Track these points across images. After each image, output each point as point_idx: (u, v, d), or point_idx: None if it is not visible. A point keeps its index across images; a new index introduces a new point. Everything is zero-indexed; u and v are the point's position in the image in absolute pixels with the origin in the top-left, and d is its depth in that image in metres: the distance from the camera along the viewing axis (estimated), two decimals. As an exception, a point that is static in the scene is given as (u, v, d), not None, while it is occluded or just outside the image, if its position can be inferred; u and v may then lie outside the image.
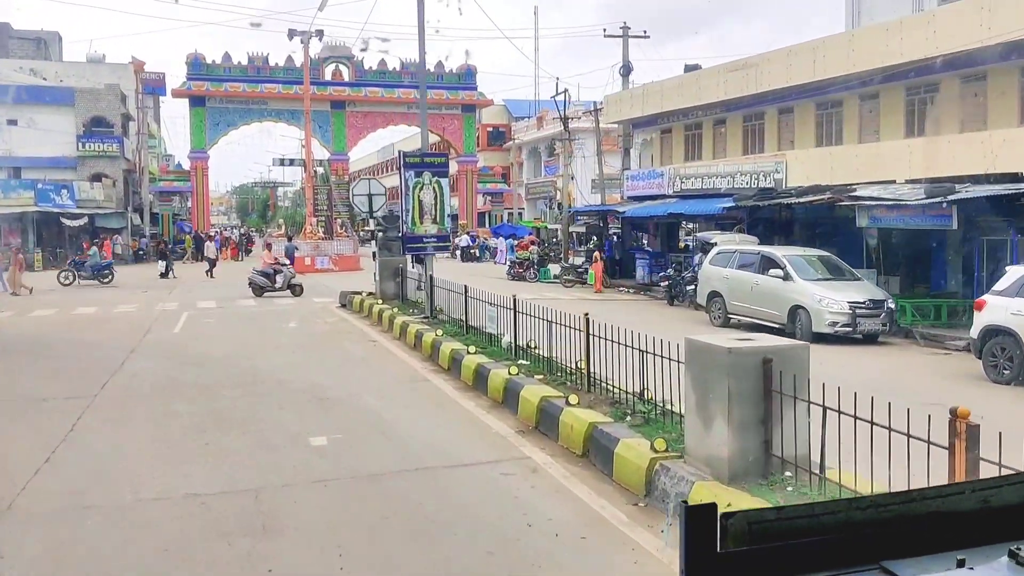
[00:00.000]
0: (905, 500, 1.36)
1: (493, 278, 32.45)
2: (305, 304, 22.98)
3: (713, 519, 1.22)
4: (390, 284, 19.17)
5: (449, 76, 54.71)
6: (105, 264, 31.11)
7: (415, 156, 15.66)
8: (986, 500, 1.37)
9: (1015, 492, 1.39)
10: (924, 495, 1.37)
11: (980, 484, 1.41)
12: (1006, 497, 1.38)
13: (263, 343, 15.60)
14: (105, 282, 29.83)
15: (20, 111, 46.67)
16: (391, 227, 19.47)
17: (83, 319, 20.13)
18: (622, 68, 32.35)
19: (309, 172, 39.37)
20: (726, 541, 1.22)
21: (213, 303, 23.44)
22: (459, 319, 14.39)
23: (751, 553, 1.24)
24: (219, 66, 51.23)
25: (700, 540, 1.21)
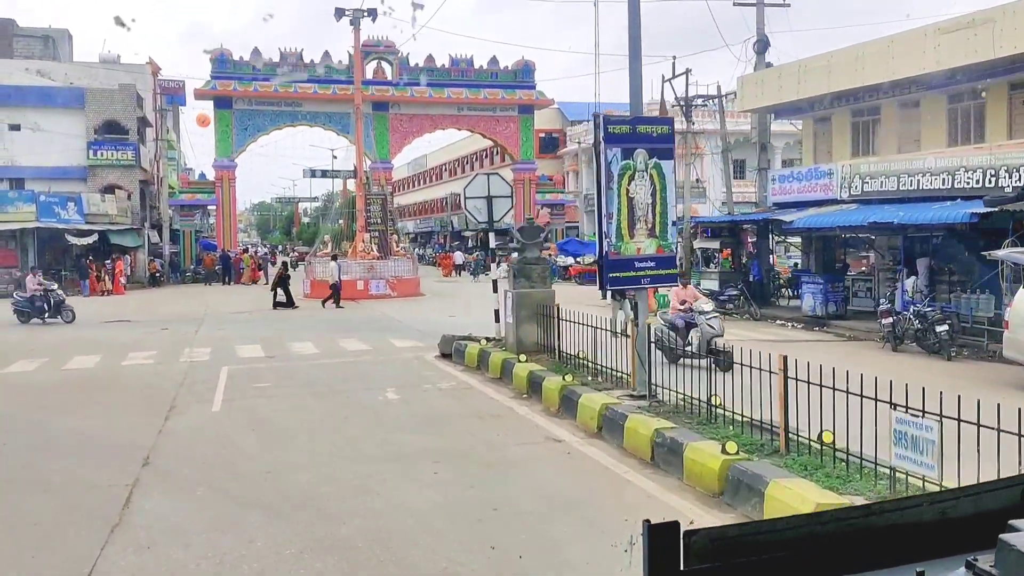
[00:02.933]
0: (865, 514, 1.38)
1: (591, 306, 26.02)
2: (385, 350, 16.64)
3: (676, 537, 1.22)
4: (531, 329, 12.79)
5: (504, 73, 48.53)
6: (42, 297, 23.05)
7: (622, 124, 9.27)
8: (943, 512, 1.40)
9: (971, 504, 1.42)
10: (884, 508, 1.40)
11: (938, 497, 1.46)
12: (963, 509, 1.41)
13: (364, 441, 9.23)
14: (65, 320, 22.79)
15: (24, 114, 40.92)
16: (531, 244, 13.08)
17: (75, 380, 13.85)
18: (757, 43, 26.00)
19: (360, 178, 33.19)
20: (689, 559, 1.22)
21: (259, 348, 17.13)
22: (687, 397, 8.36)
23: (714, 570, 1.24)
24: (247, 63, 45.28)
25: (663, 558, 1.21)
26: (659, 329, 12.06)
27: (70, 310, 23.03)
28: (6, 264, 35.02)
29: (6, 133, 41.79)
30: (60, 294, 23.29)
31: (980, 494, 1.46)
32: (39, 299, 22.96)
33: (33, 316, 22.85)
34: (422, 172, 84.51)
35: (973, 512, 1.41)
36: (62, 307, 23.00)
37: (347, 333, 19.55)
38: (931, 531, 1.38)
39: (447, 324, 20.85)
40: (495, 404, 11.03)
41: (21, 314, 22.96)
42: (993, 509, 1.42)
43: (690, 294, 13.29)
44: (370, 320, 22.93)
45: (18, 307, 23.09)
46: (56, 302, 22.99)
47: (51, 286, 23.63)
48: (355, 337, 18.70)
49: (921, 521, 1.39)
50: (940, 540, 1.37)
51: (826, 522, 1.36)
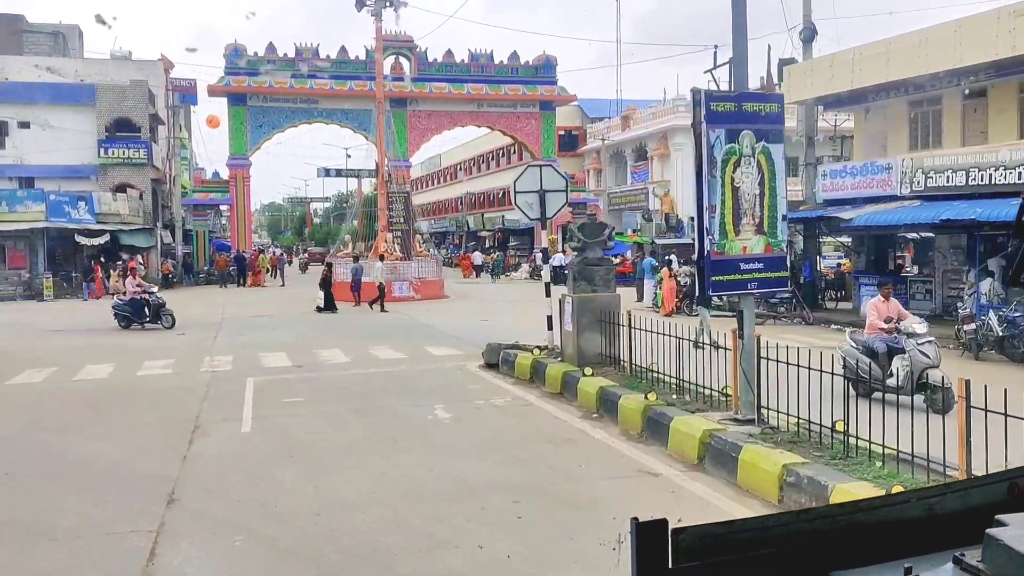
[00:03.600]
0: (852, 510, 1.38)
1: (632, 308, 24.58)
2: (422, 359, 15.31)
3: (664, 535, 1.22)
4: (593, 338, 11.44)
5: (525, 69, 47.20)
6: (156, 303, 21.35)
7: (727, 100, 7.91)
8: (931, 508, 1.41)
9: (958, 499, 1.42)
10: (871, 504, 1.40)
11: (925, 492, 1.45)
12: (949, 504, 1.42)
13: (422, 472, 7.90)
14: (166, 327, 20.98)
15: (32, 112, 39.83)
16: (593, 243, 11.73)
17: (87, 393, 12.58)
18: (803, 31, 24.56)
19: (382, 175, 31.86)
20: (678, 556, 1.22)
21: (284, 357, 15.84)
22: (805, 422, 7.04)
23: (702, 568, 1.25)
24: (262, 59, 44.08)
25: (651, 556, 1.21)
26: (848, 353, 9.87)
27: (169, 315, 21.01)
28: (15, 265, 33.89)
29: (15, 131, 40.74)
30: (159, 297, 21.38)
31: (967, 489, 1.47)
32: (139, 303, 20.98)
33: (134, 321, 20.91)
34: (436, 172, 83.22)
35: (960, 508, 1.42)
36: (162, 311, 21.01)
37: (377, 339, 18.26)
38: (919, 527, 1.39)
39: (482, 329, 19.57)
40: (563, 425, 9.68)
41: (122, 319, 21.04)
42: (980, 504, 1.42)
43: (894, 309, 10.49)
44: (398, 325, 21.63)
45: (119, 311, 21.13)
46: (155, 306, 21.03)
47: (150, 288, 21.78)
48: (386, 344, 17.40)
49: (909, 517, 1.40)
50: (928, 536, 1.37)
51: (814, 519, 1.36)
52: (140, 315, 20.92)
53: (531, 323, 21.22)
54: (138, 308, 20.93)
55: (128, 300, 21.20)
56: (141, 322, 20.93)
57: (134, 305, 21.00)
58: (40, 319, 24.88)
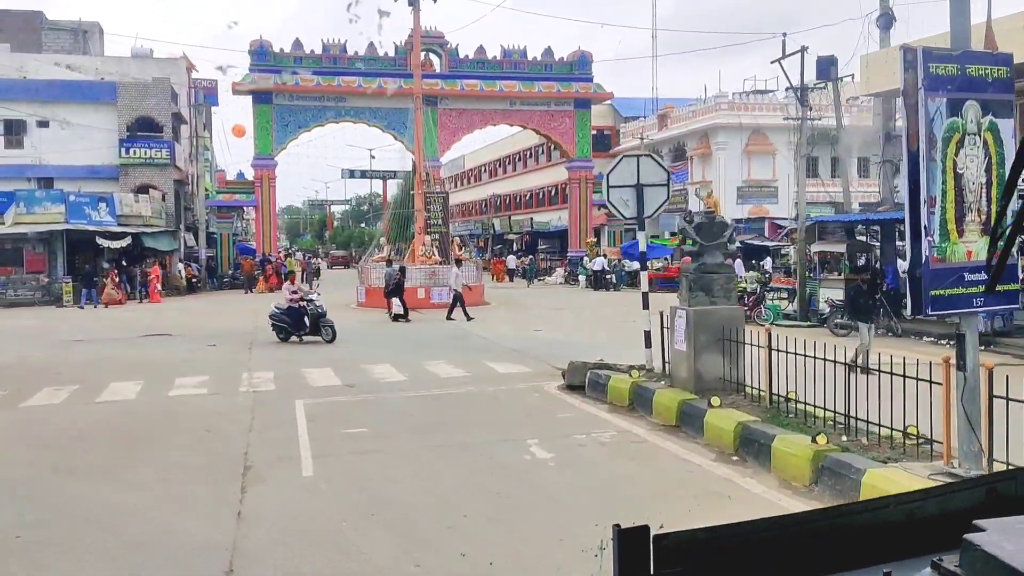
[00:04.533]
0: (833, 516, 1.40)
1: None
2: (487, 377, 13.51)
3: (646, 541, 1.22)
4: (713, 359, 9.60)
5: (559, 66, 45.40)
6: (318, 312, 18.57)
7: (948, 61, 6.09)
8: (910, 513, 1.42)
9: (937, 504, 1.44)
10: (851, 510, 1.43)
11: (904, 498, 1.45)
12: (928, 509, 1.43)
13: (550, 544, 6.10)
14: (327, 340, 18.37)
15: (52, 110, 38.45)
16: (711, 246, 9.90)
17: (113, 420, 10.85)
18: (881, 18, 22.65)
19: (420, 174, 30.11)
20: (659, 563, 1.22)
21: (331, 373, 14.10)
22: None
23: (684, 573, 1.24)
24: (288, 55, 42.52)
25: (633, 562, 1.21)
26: None
27: (330, 327, 18.37)
28: (34, 269, 32.40)
29: (34, 130, 39.40)
30: (320, 306, 18.55)
31: (945, 495, 1.48)
32: (297, 312, 18.34)
33: (292, 333, 18.41)
34: (459, 173, 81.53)
35: (939, 512, 1.43)
36: (322, 322, 18.37)
37: (428, 352, 16.50)
38: (898, 532, 1.40)
39: (540, 341, 17.82)
40: (700, 472, 7.85)
41: (279, 330, 18.52)
42: (958, 509, 1.42)
43: None
44: (446, 335, 19.87)
45: (276, 321, 18.55)
46: (315, 316, 18.33)
47: (310, 295, 19.03)
48: (441, 358, 15.63)
49: (888, 522, 1.40)
50: (907, 541, 1.38)
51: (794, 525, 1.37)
52: (299, 326, 18.32)
53: (594, 334, 19.53)
54: (297, 318, 18.30)
55: (286, 309, 18.50)
56: (299, 334, 18.36)
57: (292, 315, 18.35)
58: (59, 327, 23.31)
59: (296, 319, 18.30)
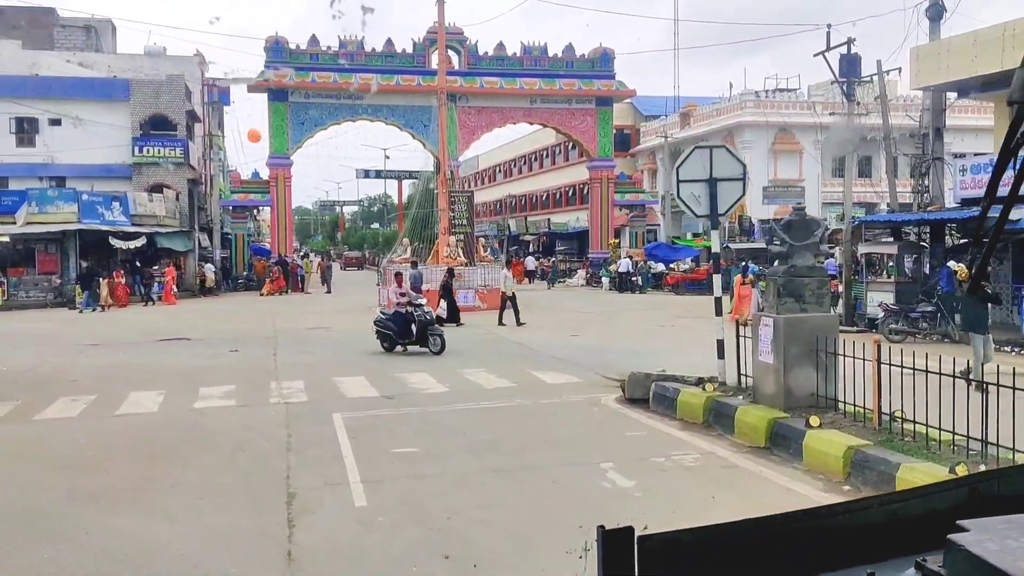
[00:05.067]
0: (817, 516, 1.39)
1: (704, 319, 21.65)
2: (535, 388, 12.53)
3: (630, 543, 1.22)
4: (805, 373, 8.60)
5: (581, 62, 44.38)
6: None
7: None
8: (893, 513, 1.42)
9: (920, 505, 1.45)
10: (833, 511, 1.41)
11: (887, 499, 1.46)
12: (911, 510, 1.44)
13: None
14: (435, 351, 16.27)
15: (64, 108, 37.61)
16: (801, 247, 8.89)
17: (134, 435, 9.91)
18: (930, 8, 21.60)
19: (444, 172, 29.14)
20: (644, 564, 1.22)
21: (365, 382, 13.15)
22: None
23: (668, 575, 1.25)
24: (304, 52, 41.64)
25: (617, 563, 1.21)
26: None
27: (439, 336, 16.32)
28: (45, 270, 31.56)
29: (46, 128, 38.65)
30: (428, 311, 16.70)
31: (929, 495, 1.48)
32: (403, 318, 16.36)
33: (398, 342, 16.47)
34: (474, 173, 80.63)
35: (922, 513, 1.43)
36: (429, 331, 16.30)
37: (466, 360, 15.55)
38: (881, 532, 1.40)
39: (581, 348, 16.86)
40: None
41: (384, 338, 16.64)
42: (941, 509, 1.43)
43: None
44: (480, 340, 18.92)
45: (381, 328, 16.67)
46: (423, 323, 16.27)
47: (418, 300, 16.85)
48: (480, 367, 14.67)
49: (871, 523, 1.40)
50: (890, 541, 1.38)
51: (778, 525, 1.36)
52: (405, 334, 16.35)
53: (634, 340, 18.48)
54: (403, 325, 16.35)
55: (392, 315, 16.66)
56: (404, 343, 16.42)
57: (398, 321, 16.39)
58: (73, 330, 22.45)
59: (403, 326, 16.35)
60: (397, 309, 16.58)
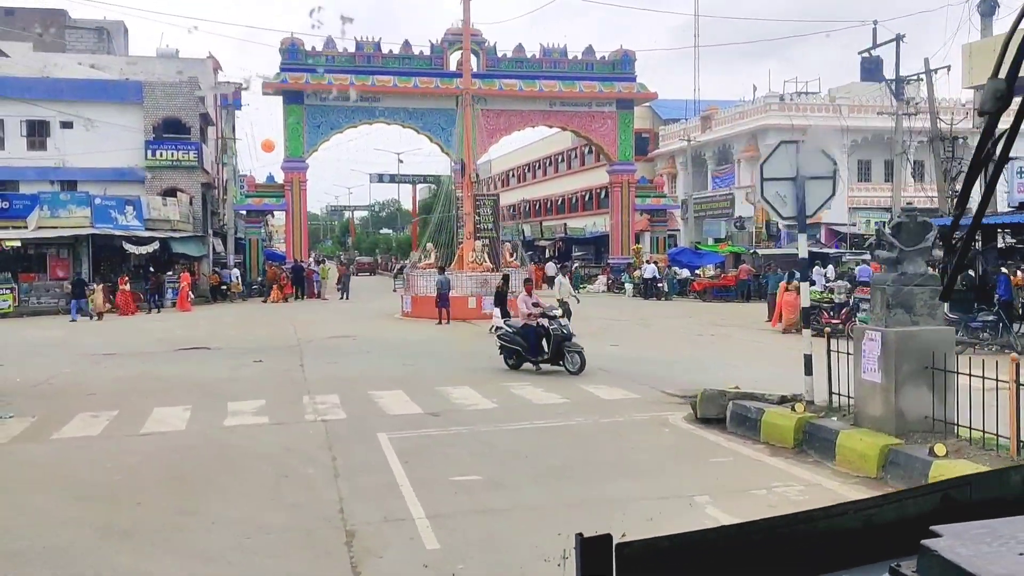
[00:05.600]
0: (792, 522, 1.40)
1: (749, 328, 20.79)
2: (590, 405, 11.60)
3: (608, 549, 1.22)
4: (918, 394, 7.66)
5: (601, 64, 43.54)
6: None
7: None
8: (868, 519, 1.43)
9: (894, 510, 1.45)
10: (811, 516, 1.41)
11: (862, 504, 1.47)
12: (885, 516, 1.44)
13: None
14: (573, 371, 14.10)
15: (76, 111, 36.88)
16: (913, 252, 7.95)
17: (163, 458, 9.01)
18: (983, 3, 20.67)
19: (468, 175, 28.26)
20: (622, 571, 1.22)
21: (405, 397, 12.23)
22: None
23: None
24: (320, 54, 40.88)
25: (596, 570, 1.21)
26: None
27: (577, 353, 14.00)
28: (58, 276, 30.79)
29: (57, 131, 37.92)
30: (564, 325, 14.42)
31: (903, 500, 1.50)
32: (534, 332, 14.33)
33: (526, 359, 14.42)
34: (487, 178, 79.72)
35: (896, 518, 1.44)
36: (566, 347, 14.07)
37: (507, 372, 14.62)
38: (857, 538, 1.41)
39: (624, 359, 15.96)
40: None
41: (509, 354, 14.66)
42: (915, 515, 1.44)
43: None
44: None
45: (506, 342, 14.64)
46: (558, 338, 14.09)
47: (552, 311, 14.78)
48: (523, 379, 13.76)
49: (847, 528, 1.41)
50: (865, 547, 1.39)
51: (755, 532, 1.37)
52: (536, 350, 14.33)
53: (677, 350, 17.49)
54: (534, 340, 14.33)
55: (520, 327, 14.56)
56: (535, 360, 14.34)
57: (529, 336, 14.39)
58: (87, 338, 21.62)
59: (533, 341, 14.32)
60: (527, 322, 14.55)
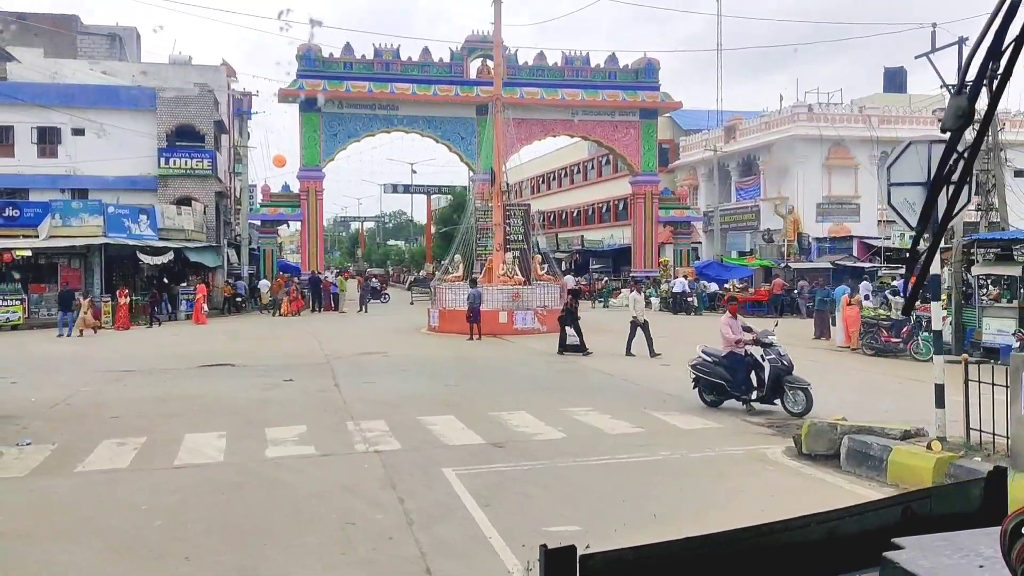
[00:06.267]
0: (756, 535, 1.41)
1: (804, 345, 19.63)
2: (669, 436, 10.49)
3: (572, 561, 1.21)
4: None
5: (624, 73, 42.61)
6: None
7: None
8: (831, 532, 1.46)
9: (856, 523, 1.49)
10: (773, 529, 1.43)
11: (824, 516, 1.49)
12: (847, 528, 1.48)
13: None
14: None
15: (87, 117, 35.94)
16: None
17: (204, 498, 7.91)
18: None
19: (499, 183, 27.25)
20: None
21: (458, 423, 11.13)
22: None
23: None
24: (338, 61, 39.98)
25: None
26: None
27: (802, 391, 11.22)
28: (69, 287, 29.66)
29: (68, 138, 36.95)
30: (784, 356, 11.54)
31: (864, 513, 1.52)
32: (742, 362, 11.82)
33: (731, 395, 11.92)
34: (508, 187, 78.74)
35: (859, 531, 1.47)
36: (786, 382, 11.37)
37: (560, 395, 13.55)
38: (820, 550, 1.42)
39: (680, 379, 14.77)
40: None
41: (708, 388, 12.18)
42: (877, 528, 1.48)
43: None
44: (565, 371, 16.90)
45: (702, 374, 12.20)
46: (776, 372, 11.40)
47: (767, 337, 11.78)
48: (582, 404, 12.66)
49: (810, 541, 1.43)
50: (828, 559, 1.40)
51: (720, 543, 1.35)
52: (744, 386, 11.77)
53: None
54: (743, 373, 11.77)
55: (724, 357, 12.04)
56: (744, 398, 11.79)
57: (736, 366, 11.84)
58: (101, 353, 20.57)
59: (742, 374, 11.77)
60: (733, 350, 11.95)
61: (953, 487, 1.70)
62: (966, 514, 1.54)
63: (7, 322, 25.50)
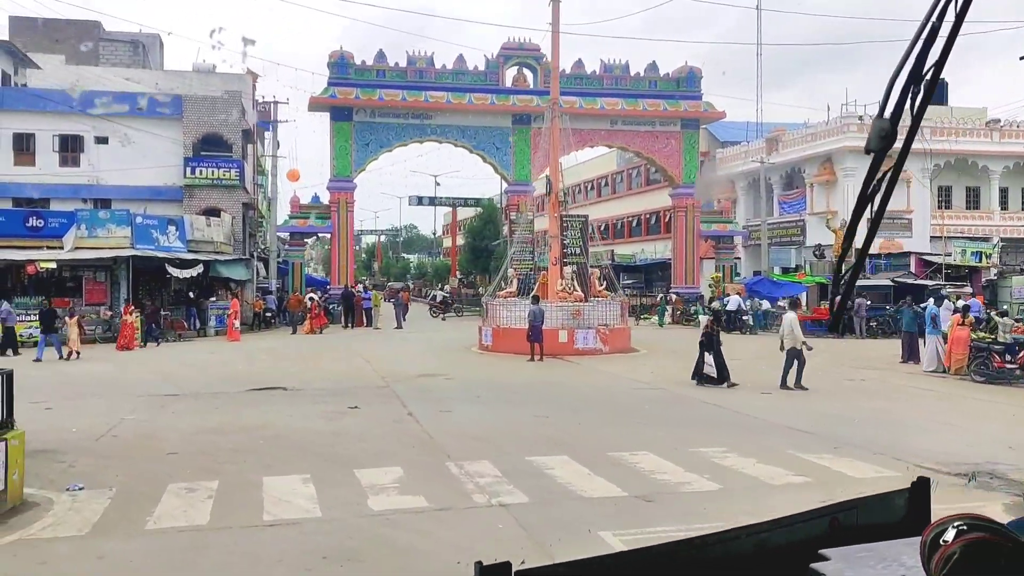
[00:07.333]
0: (689, 548, 1.43)
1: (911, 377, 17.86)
2: (838, 484, 8.83)
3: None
4: None
5: (664, 82, 41.12)
6: None
7: None
8: (761, 544, 1.47)
9: (784, 535, 1.50)
10: (706, 542, 1.44)
11: (754, 529, 1.50)
12: (776, 540, 1.49)
13: None
14: None
15: (112, 126, 34.60)
16: None
17: (312, 566, 6.27)
18: None
19: (556, 193, 25.60)
20: None
21: (585, 471, 9.48)
22: None
23: None
24: (371, 68, 38.57)
25: None
26: None
27: None
28: (94, 300, 28.19)
29: (91, 147, 35.60)
30: None
31: (792, 525, 1.52)
32: None
33: None
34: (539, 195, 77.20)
35: (787, 542, 1.48)
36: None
37: (680, 431, 11.90)
38: (749, 562, 1.43)
39: (807, 414, 13.17)
40: None
41: None
42: (805, 539, 1.48)
43: None
44: (659, 400, 15.23)
45: None
46: None
47: None
48: (714, 443, 10.97)
49: (740, 553, 1.43)
50: (757, 571, 1.41)
51: (653, 557, 1.36)
52: None
53: (852, 399, 14.29)
54: None
55: None
56: None
57: None
58: (135, 373, 19.01)
59: None
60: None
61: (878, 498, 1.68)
62: (891, 524, 1.56)
63: (31, 338, 23.94)
